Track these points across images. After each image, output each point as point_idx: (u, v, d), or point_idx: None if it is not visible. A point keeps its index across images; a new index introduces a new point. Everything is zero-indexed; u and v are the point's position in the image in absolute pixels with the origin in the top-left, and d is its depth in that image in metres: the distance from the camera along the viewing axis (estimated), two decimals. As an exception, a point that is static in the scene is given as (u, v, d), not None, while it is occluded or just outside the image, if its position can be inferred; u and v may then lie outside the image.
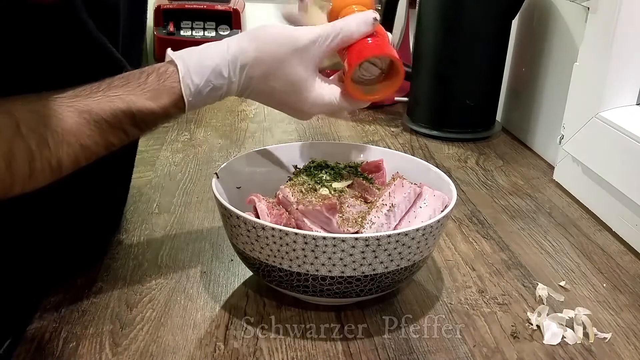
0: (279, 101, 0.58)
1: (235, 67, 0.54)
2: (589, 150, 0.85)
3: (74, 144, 0.49)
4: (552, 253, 0.74)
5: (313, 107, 0.58)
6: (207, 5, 1.36)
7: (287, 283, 0.57)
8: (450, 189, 0.63)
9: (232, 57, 0.54)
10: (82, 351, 0.55)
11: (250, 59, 0.55)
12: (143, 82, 0.52)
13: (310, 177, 0.65)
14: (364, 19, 0.57)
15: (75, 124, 0.49)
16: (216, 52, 0.54)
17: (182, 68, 0.53)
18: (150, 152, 1.00)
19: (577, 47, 0.89)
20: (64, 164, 0.49)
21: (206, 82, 0.54)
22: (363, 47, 0.57)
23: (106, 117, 0.50)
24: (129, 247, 0.71)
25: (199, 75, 0.53)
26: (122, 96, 0.50)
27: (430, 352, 0.56)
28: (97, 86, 0.51)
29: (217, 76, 0.54)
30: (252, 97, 0.58)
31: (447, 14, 1.06)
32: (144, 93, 0.51)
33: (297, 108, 0.59)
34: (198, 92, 0.54)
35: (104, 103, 0.50)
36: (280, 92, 0.57)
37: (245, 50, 0.54)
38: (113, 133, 0.51)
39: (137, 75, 0.52)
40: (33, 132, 0.46)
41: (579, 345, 0.58)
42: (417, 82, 1.15)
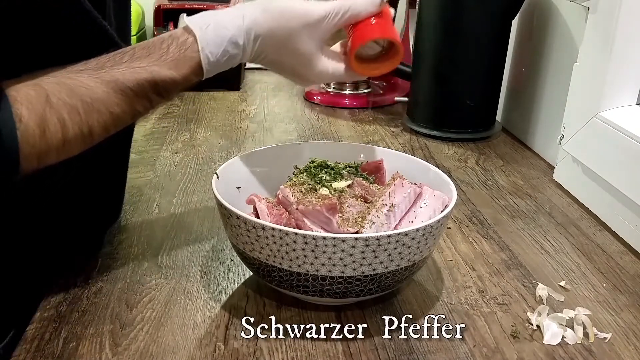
0: (288, 70, 0.62)
1: (250, 37, 0.57)
2: (589, 150, 0.85)
3: (104, 112, 0.51)
4: (552, 253, 0.74)
5: (318, 78, 0.62)
6: (207, 5, 1.36)
7: (287, 283, 0.57)
8: (450, 189, 0.63)
9: (247, 28, 0.57)
10: (82, 351, 0.55)
11: (263, 31, 0.57)
12: (165, 53, 0.54)
13: (310, 177, 0.65)
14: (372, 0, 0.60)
15: (104, 93, 0.51)
16: (232, 22, 0.57)
17: (201, 39, 0.55)
18: (150, 152, 1.00)
19: (577, 47, 0.89)
20: (95, 132, 0.51)
21: (223, 52, 0.56)
22: (367, 28, 0.60)
23: (132, 86, 0.52)
24: (129, 247, 0.71)
25: (217, 46, 0.56)
26: (146, 67, 0.53)
27: (430, 352, 0.56)
28: (120, 57, 0.53)
29: (233, 46, 0.57)
30: (263, 64, 0.61)
31: (447, 14, 1.06)
32: (166, 63, 0.54)
33: (304, 77, 0.63)
34: (216, 60, 0.56)
35: (129, 74, 0.52)
36: (289, 62, 0.60)
37: (259, 22, 0.57)
38: (139, 101, 0.53)
39: (158, 45, 0.55)
40: (63, 102, 0.49)
41: (579, 345, 0.58)
42: (417, 82, 1.15)
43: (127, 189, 0.85)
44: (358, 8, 0.60)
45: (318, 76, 0.62)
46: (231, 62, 0.58)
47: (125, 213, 0.79)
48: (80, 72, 0.51)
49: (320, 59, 0.61)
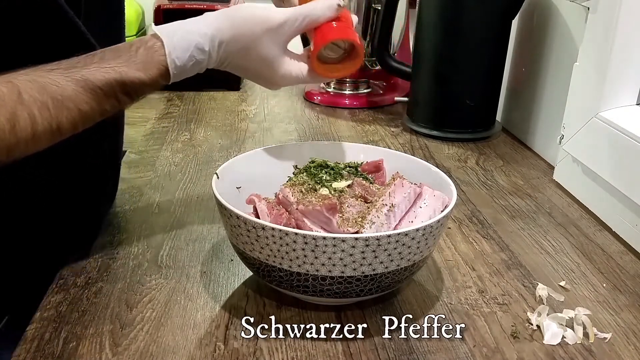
0: (253, 74, 0.65)
1: (214, 43, 0.59)
2: (589, 150, 0.85)
3: (73, 109, 0.53)
4: (552, 253, 0.74)
5: (282, 80, 0.65)
6: (207, 5, 1.36)
7: (287, 283, 0.57)
8: (450, 189, 0.63)
9: (211, 35, 0.59)
10: (82, 351, 0.55)
11: (227, 37, 0.60)
12: (133, 55, 0.57)
13: (310, 177, 0.65)
14: (329, 5, 0.63)
15: (73, 91, 0.53)
16: (197, 29, 0.59)
17: (169, 44, 0.57)
18: (150, 152, 1.00)
19: (577, 47, 0.89)
20: (63, 127, 0.53)
21: (190, 57, 0.59)
22: (327, 30, 0.63)
23: (101, 85, 0.54)
24: (129, 247, 0.71)
25: (184, 51, 0.58)
26: (115, 67, 0.55)
27: (430, 352, 0.56)
28: (90, 58, 0.55)
29: (199, 52, 0.59)
30: (229, 69, 0.64)
31: (447, 14, 1.06)
32: (134, 65, 0.56)
33: (269, 80, 0.65)
34: (183, 65, 0.59)
35: (99, 73, 0.54)
36: (254, 66, 0.63)
37: (222, 28, 0.60)
38: (107, 100, 0.55)
39: (127, 49, 0.57)
40: (34, 99, 0.50)
41: (579, 345, 0.58)
42: (417, 82, 1.15)
43: (127, 189, 0.85)
44: (316, 13, 0.62)
45: (282, 78, 0.64)
46: (197, 67, 0.60)
47: (125, 213, 0.79)
48: (52, 71, 0.53)
49: (283, 62, 0.63)
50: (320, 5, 0.63)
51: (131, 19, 1.43)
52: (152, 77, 0.57)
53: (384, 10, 1.18)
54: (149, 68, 0.57)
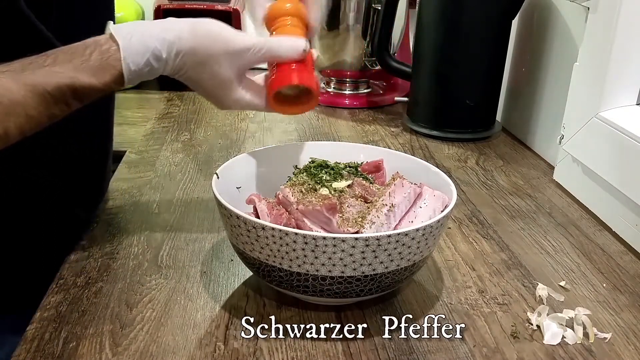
0: (205, 91, 0.63)
1: (172, 51, 0.58)
2: (589, 150, 0.85)
3: (21, 115, 0.52)
4: (552, 253, 0.74)
5: (234, 104, 0.64)
6: (207, 5, 1.36)
7: (287, 283, 0.57)
8: (450, 189, 0.63)
9: (170, 43, 0.58)
10: (82, 351, 0.55)
11: (186, 48, 0.58)
12: (86, 59, 0.55)
13: (310, 177, 0.65)
14: (295, 47, 0.62)
15: (22, 96, 0.51)
16: (156, 34, 0.58)
17: (124, 48, 0.56)
18: (150, 152, 1.00)
19: (577, 47, 0.89)
20: (10, 133, 0.52)
21: (146, 62, 0.57)
22: (287, 73, 0.63)
23: (51, 90, 0.53)
24: (129, 247, 0.71)
25: (140, 56, 0.57)
26: (67, 72, 0.54)
27: (430, 352, 0.56)
28: (42, 60, 0.54)
29: (155, 58, 0.57)
30: (182, 80, 0.62)
31: (447, 14, 1.06)
32: (87, 69, 0.55)
33: (220, 101, 0.64)
34: (138, 70, 0.57)
35: (49, 78, 0.53)
36: (206, 83, 0.61)
37: (183, 38, 0.58)
38: (57, 105, 0.54)
39: (81, 51, 0.55)
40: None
41: (579, 345, 0.58)
42: (417, 82, 1.15)
43: (127, 189, 0.85)
44: (281, 51, 0.62)
45: (234, 103, 0.63)
46: (153, 73, 0.59)
47: (125, 213, 0.79)
48: (2, 73, 0.52)
49: (238, 87, 0.62)
50: (286, 44, 0.62)
51: (131, 18, 1.43)
52: (105, 83, 0.56)
53: (384, 10, 1.18)
54: (102, 73, 0.55)
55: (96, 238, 0.73)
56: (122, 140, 1.05)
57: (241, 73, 0.62)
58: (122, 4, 1.42)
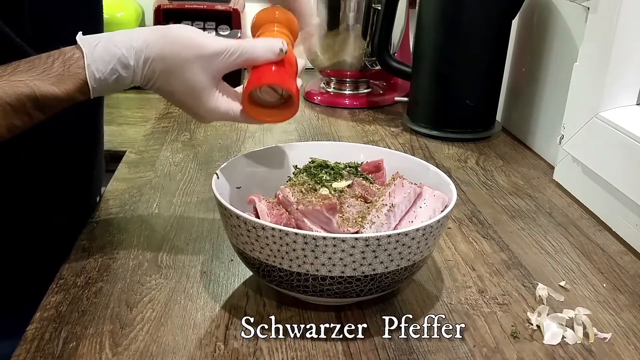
0: (178, 101, 0.60)
1: (140, 59, 0.55)
2: (589, 150, 0.85)
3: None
4: (552, 253, 0.74)
5: (210, 114, 0.60)
6: (207, 5, 1.36)
7: (287, 283, 0.57)
8: (450, 189, 0.63)
9: (137, 49, 0.55)
10: (82, 351, 0.55)
11: (153, 54, 0.56)
12: (49, 68, 0.52)
13: (310, 177, 0.65)
14: (271, 48, 0.59)
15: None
16: (123, 42, 0.55)
17: (88, 55, 0.53)
18: (150, 152, 1.00)
19: (577, 47, 0.89)
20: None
21: (111, 70, 0.54)
22: (264, 73, 0.59)
23: (10, 101, 0.50)
24: (129, 247, 0.71)
25: (105, 64, 0.54)
26: (27, 81, 0.51)
27: (430, 352, 0.56)
28: (2, 70, 0.52)
29: (122, 66, 0.55)
30: (154, 90, 0.59)
31: (447, 14, 1.06)
32: (48, 78, 0.52)
33: (194, 111, 0.60)
34: (104, 79, 0.54)
35: (8, 87, 0.51)
36: (178, 92, 0.58)
37: (151, 44, 0.56)
38: (17, 117, 0.52)
39: (44, 60, 0.53)
40: None
41: (579, 345, 0.58)
42: (417, 82, 1.15)
43: (127, 188, 0.85)
44: (256, 53, 0.58)
45: (209, 112, 0.60)
46: (121, 83, 0.56)
47: (125, 213, 0.79)
48: None
49: (213, 95, 0.59)
50: (262, 45, 0.59)
51: (131, 18, 1.43)
52: (67, 92, 0.53)
53: (384, 10, 1.18)
54: (64, 81, 0.53)
55: (96, 238, 0.73)
56: (122, 140, 1.05)
57: (215, 80, 0.59)
58: (122, 4, 1.42)
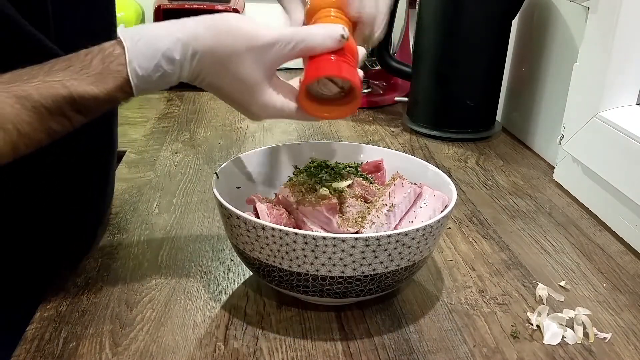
0: (228, 96, 0.56)
1: (187, 53, 0.50)
2: (589, 150, 0.85)
3: (11, 131, 0.46)
4: (552, 253, 0.74)
5: (262, 111, 0.56)
6: (207, 5, 1.36)
7: (287, 283, 0.57)
8: (450, 189, 0.63)
9: (184, 42, 0.50)
10: (82, 351, 0.55)
11: (202, 47, 0.51)
12: (87, 66, 0.48)
13: (310, 177, 0.65)
14: (330, 34, 0.53)
15: (13, 110, 0.46)
16: (168, 34, 0.50)
17: (130, 50, 0.49)
18: (150, 152, 1.00)
19: (577, 47, 0.89)
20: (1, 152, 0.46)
21: (156, 66, 0.50)
22: (322, 64, 0.53)
23: (46, 103, 0.47)
24: (129, 247, 0.71)
25: (149, 60, 0.49)
26: (63, 81, 0.47)
27: (430, 352, 0.56)
28: (37, 70, 0.48)
29: (167, 61, 0.50)
30: (202, 86, 0.55)
31: (447, 14, 1.06)
32: (86, 77, 0.48)
33: (245, 108, 0.56)
34: (147, 76, 0.50)
35: (44, 88, 0.47)
36: (229, 87, 0.54)
37: (200, 36, 0.51)
38: (54, 120, 0.48)
39: (82, 58, 0.49)
40: None
41: (579, 345, 0.58)
42: (417, 82, 1.15)
43: (127, 188, 0.85)
44: (314, 41, 0.53)
45: (263, 109, 0.55)
46: (166, 80, 0.51)
47: (125, 213, 0.79)
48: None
49: (267, 90, 0.54)
50: (321, 31, 0.53)
51: (131, 18, 1.43)
52: (108, 91, 0.49)
53: (384, 10, 1.18)
54: (104, 80, 0.48)
55: (96, 238, 0.73)
56: (122, 140, 1.04)
57: (269, 73, 0.54)
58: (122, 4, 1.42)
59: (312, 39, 0.53)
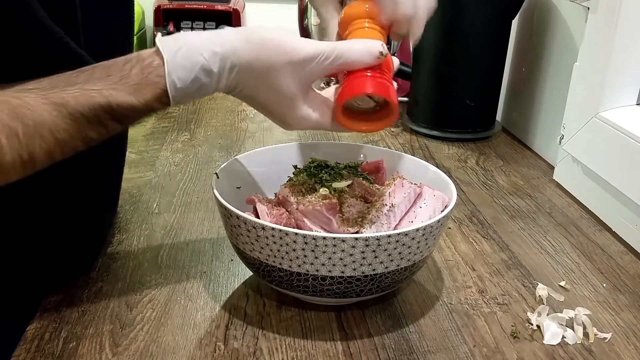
0: (265, 109, 0.56)
1: (225, 66, 0.51)
2: (589, 150, 0.85)
3: (48, 138, 0.46)
4: (552, 253, 0.74)
5: (298, 123, 0.56)
6: (207, 5, 1.36)
7: (287, 283, 0.57)
8: (450, 189, 0.63)
9: (223, 56, 0.51)
10: (82, 351, 0.55)
11: (242, 61, 0.51)
12: (126, 75, 0.49)
13: (310, 177, 0.65)
14: (370, 50, 0.54)
15: (50, 117, 0.46)
16: (207, 47, 0.51)
17: (169, 62, 0.49)
18: (150, 152, 1.00)
19: (577, 47, 0.89)
20: (37, 158, 0.46)
21: (194, 79, 0.50)
22: (361, 80, 0.54)
23: (83, 111, 0.47)
24: (129, 247, 0.71)
25: (187, 71, 0.50)
26: (102, 90, 0.48)
27: (430, 352, 0.56)
28: (75, 77, 0.48)
29: (205, 74, 0.51)
30: (239, 97, 0.55)
31: (447, 14, 1.06)
32: (125, 87, 0.48)
33: (282, 120, 0.56)
34: (185, 88, 0.50)
35: (82, 97, 0.47)
36: (266, 100, 0.54)
37: (239, 51, 0.51)
38: (91, 127, 0.48)
39: (120, 66, 0.49)
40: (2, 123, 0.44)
41: (579, 345, 0.58)
42: (417, 82, 1.15)
43: (127, 188, 0.85)
44: (353, 56, 0.53)
45: (299, 121, 0.56)
46: (203, 91, 0.52)
47: (125, 213, 0.79)
48: (29, 91, 0.46)
49: (303, 103, 0.55)
50: (360, 47, 0.53)
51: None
52: (146, 102, 0.49)
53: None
54: (142, 91, 0.49)
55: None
56: (122, 140, 1.04)
57: (306, 87, 0.54)
58: (122, 4, 1.42)
59: (351, 55, 0.53)
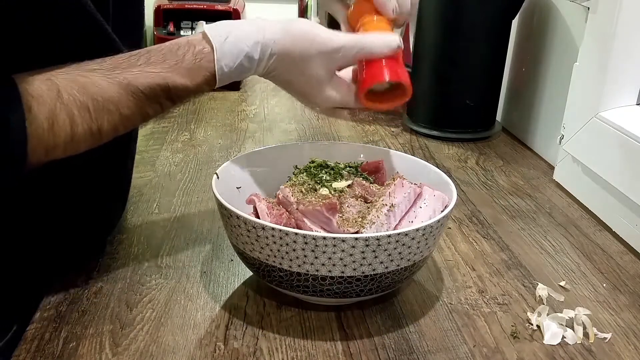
0: (296, 90, 0.63)
1: (266, 53, 0.58)
2: (589, 150, 0.85)
3: (114, 112, 0.52)
4: (552, 253, 0.74)
5: (324, 102, 0.63)
6: (207, 5, 1.36)
7: (287, 283, 0.57)
8: (450, 189, 0.63)
9: (264, 45, 0.58)
10: (82, 351, 0.55)
11: (280, 50, 0.59)
12: (180, 60, 0.56)
13: (310, 177, 0.65)
14: (389, 44, 0.61)
15: (115, 93, 0.52)
16: (250, 37, 0.58)
17: (219, 50, 0.56)
18: (150, 152, 1.00)
19: (577, 47, 0.89)
20: (104, 131, 0.52)
21: (238, 65, 0.57)
22: (380, 69, 0.61)
23: (144, 90, 0.53)
24: (129, 247, 0.71)
25: (233, 59, 0.57)
26: (161, 73, 0.54)
27: (430, 352, 0.56)
28: (135, 60, 0.54)
29: (248, 60, 0.58)
30: (273, 80, 0.62)
31: (447, 14, 1.06)
32: (180, 70, 0.55)
33: (311, 100, 0.64)
34: (230, 72, 0.58)
35: (142, 77, 0.53)
36: (298, 83, 0.62)
37: (278, 41, 0.58)
38: (149, 105, 0.55)
39: (174, 52, 0.56)
40: (74, 98, 0.50)
41: (579, 345, 0.58)
42: (417, 82, 1.15)
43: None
44: (374, 48, 0.60)
45: (325, 101, 0.63)
46: (243, 74, 0.59)
47: (125, 213, 0.79)
48: (94, 70, 0.52)
49: (329, 85, 0.62)
50: (380, 41, 0.61)
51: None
52: (197, 84, 0.56)
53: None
54: (195, 74, 0.56)
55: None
56: (122, 140, 1.04)
57: (332, 72, 0.62)
58: (122, 4, 1.42)
59: (372, 47, 0.61)
